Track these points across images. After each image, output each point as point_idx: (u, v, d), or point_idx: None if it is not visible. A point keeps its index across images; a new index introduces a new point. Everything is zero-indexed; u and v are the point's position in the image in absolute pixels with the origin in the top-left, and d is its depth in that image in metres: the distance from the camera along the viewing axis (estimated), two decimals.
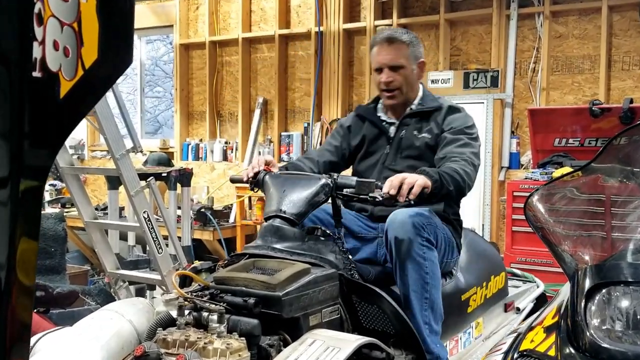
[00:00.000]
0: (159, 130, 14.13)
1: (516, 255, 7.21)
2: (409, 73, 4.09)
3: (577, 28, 8.06)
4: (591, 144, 7.52)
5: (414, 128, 4.09)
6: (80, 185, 5.87)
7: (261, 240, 3.40)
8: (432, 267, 3.54)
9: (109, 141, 5.35)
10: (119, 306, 3.23)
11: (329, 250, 3.42)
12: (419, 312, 3.50)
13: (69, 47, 1.41)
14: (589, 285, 2.68)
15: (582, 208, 3.43)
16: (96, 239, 5.87)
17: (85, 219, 5.82)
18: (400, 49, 4.08)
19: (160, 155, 9.67)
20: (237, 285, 3.06)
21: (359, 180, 3.49)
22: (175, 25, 11.15)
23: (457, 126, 3.98)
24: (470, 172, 3.74)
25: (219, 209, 9.75)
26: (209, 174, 10.75)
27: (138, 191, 5.45)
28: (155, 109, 14.66)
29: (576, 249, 3.09)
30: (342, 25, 9.51)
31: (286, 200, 3.45)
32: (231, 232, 9.51)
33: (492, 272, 4.41)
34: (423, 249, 3.50)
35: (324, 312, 3.18)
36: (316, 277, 3.14)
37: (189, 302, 2.96)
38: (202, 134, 11.13)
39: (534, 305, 4.75)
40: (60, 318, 5.41)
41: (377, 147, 4.19)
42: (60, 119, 1.43)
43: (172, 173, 6.68)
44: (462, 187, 3.67)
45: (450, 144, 3.90)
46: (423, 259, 3.50)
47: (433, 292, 3.55)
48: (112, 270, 5.95)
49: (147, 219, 5.49)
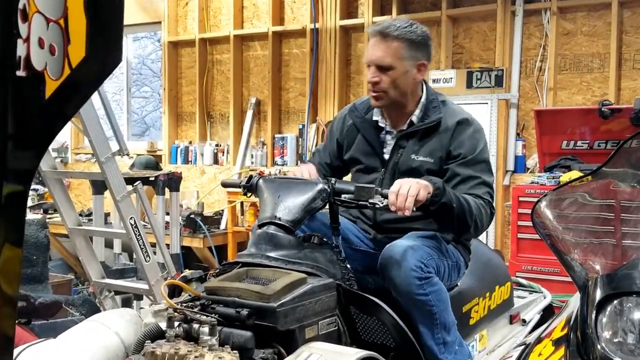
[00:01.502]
0: (146, 132, 14.15)
1: (521, 263, 7.19)
2: (399, 75, 3.77)
3: (586, 25, 8.07)
4: (600, 146, 7.52)
5: (411, 150, 3.85)
6: (64, 190, 5.87)
7: (255, 248, 3.38)
8: (437, 296, 3.50)
9: (94, 144, 5.35)
10: (105, 317, 3.23)
11: (326, 258, 3.41)
12: (431, 338, 3.50)
13: (55, 44, 1.41)
14: (600, 296, 2.68)
15: (592, 214, 3.43)
16: (80, 247, 5.86)
17: (68, 226, 5.81)
18: (392, 47, 3.75)
19: (147, 158, 9.67)
20: (229, 295, 3.05)
21: (358, 185, 3.47)
22: (163, 21, 11.16)
23: (467, 154, 3.76)
24: (484, 214, 3.67)
25: (210, 215, 9.74)
26: (198, 178, 10.75)
27: (124, 196, 5.45)
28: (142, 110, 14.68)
29: (586, 257, 3.08)
30: (338, 22, 9.51)
31: (281, 206, 3.43)
32: (222, 239, 9.52)
33: (497, 282, 4.38)
34: (423, 287, 3.45)
35: (320, 324, 3.17)
36: (313, 287, 3.13)
37: (178, 313, 2.94)
38: (191, 136, 11.13)
39: (541, 317, 4.74)
40: (42, 330, 5.39)
41: (371, 167, 4.00)
42: (45, 121, 1.43)
43: (160, 177, 6.66)
44: (466, 220, 3.58)
45: (462, 184, 3.73)
46: (425, 295, 3.45)
47: (442, 314, 3.53)
48: (97, 280, 5.94)
49: (133, 226, 5.48)
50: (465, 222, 3.59)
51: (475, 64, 8.59)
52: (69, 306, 6.08)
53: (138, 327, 3.16)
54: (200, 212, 9.48)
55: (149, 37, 13.41)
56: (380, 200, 3.38)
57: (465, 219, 3.58)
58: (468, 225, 3.62)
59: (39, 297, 5.80)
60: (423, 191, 3.35)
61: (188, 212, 9.17)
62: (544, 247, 3.37)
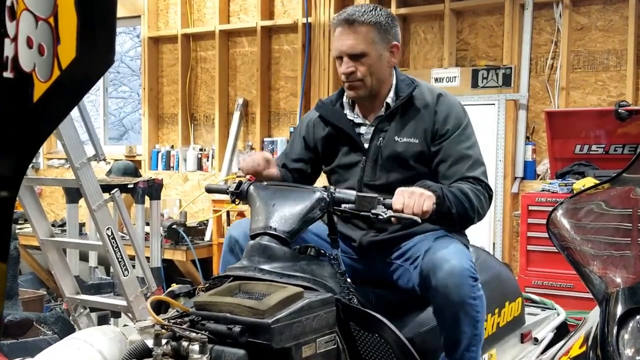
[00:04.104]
0: (124, 136, 14.18)
1: (531, 277, 7.21)
2: (374, 61, 3.83)
3: (601, 19, 8.10)
4: (617, 151, 7.54)
5: (394, 132, 3.90)
6: (35, 198, 5.87)
7: (247, 260, 3.37)
8: (481, 303, 3.54)
9: (68, 148, 5.34)
10: (87, 335, 3.23)
11: (325, 271, 3.41)
12: (466, 353, 3.54)
13: (44, 44, 1.42)
14: (621, 311, 2.69)
15: (612, 224, 3.44)
16: (53, 260, 5.86)
17: (40, 237, 5.80)
18: (362, 32, 3.80)
19: (126, 164, 9.66)
20: (220, 311, 3.05)
21: (360, 194, 3.49)
22: (143, 15, 11.17)
23: (454, 128, 3.83)
24: (483, 199, 3.70)
25: (193, 225, 9.75)
26: (181, 186, 10.76)
27: (101, 205, 5.45)
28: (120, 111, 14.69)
29: (606, 270, 3.10)
30: (333, 16, 9.44)
31: (276, 215, 3.43)
32: (207, 251, 9.52)
33: (507, 298, 4.39)
34: (474, 290, 3.49)
35: (318, 342, 3.17)
36: (310, 303, 3.13)
37: (166, 329, 2.93)
38: (173, 140, 11.14)
39: (554, 335, 4.76)
40: (12, 350, 5.39)
41: (350, 161, 4.03)
42: (33, 124, 1.44)
43: (139, 184, 6.67)
44: (468, 213, 3.62)
45: (456, 164, 3.77)
46: (473, 299, 3.49)
47: (482, 326, 3.58)
48: (71, 295, 5.93)
49: (111, 237, 5.48)
50: (468, 217, 3.65)
51: (481, 62, 8.62)
52: (40, 324, 6.08)
53: (123, 345, 3.16)
54: (183, 222, 9.47)
55: (127, 32, 13.46)
56: (383, 211, 3.39)
57: (467, 215, 3.64)
58: (471, 218, 3.68)
59: (8, 314, 5.81)
60: (428, 201, 3.38)
61: (170, 222, 9.18)
62: (556, 260, 3.40)
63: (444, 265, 3.47)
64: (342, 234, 3.99)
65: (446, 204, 3.51)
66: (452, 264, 3.46)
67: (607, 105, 7.90)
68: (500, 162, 8.19)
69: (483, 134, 7.98)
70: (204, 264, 9.32)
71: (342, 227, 4.04)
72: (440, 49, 8.86)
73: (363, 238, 3.99)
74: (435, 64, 8.78)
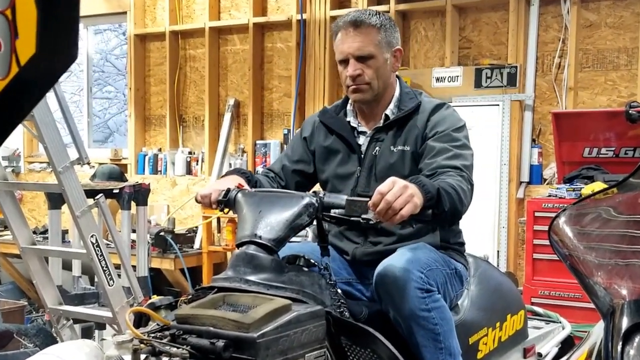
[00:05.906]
0: (109, 138, 14.19)
1: (538, 287, 7.20)
2: (380, 64, 3.97)
3: (611, 15, 8.09)
4: (628, 154, 7.53)
5: (390, 142, 4.01)
6: (16, 204, 5.87)
7: (232, 270, 3.35)
8: (440, 314, 3.55)
9: (50, 151, 5.35)
10: (61, 350, 3.22)
11: (314, 283, 3.39)
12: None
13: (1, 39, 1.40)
14: (626, 325, 2.68)
15: (618, 232, 3.43)
16: (34, 269, 5.86)
17: (21, 245, 5.81)
18: (369, 35, 3.94)
19: (111, 168, 9.68)
20: (203, 324, 3.03)
21: (350, 199, 3.45)
22: (129, 12, 11.17)
23: (443, 130, 3.88)
24: (467, 190, 3.65)
25: (182, 232, 9.75)
26: (169, 191, 10.75)
27: (85, 211, 5.45)
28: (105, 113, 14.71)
29: (611, 280, 3.09)
30: (329, 12, 9.49)
31: (262, 222, 3.42)
32: (196, 260, 9.52)
33: (509, 311, 4.38)
34: (425, 302, 3.50)
35: (307, 358, 3.15)
36: (298, 316, 3.11)
37: (145, 344, 2.91)
38: (161, 143, 11.14)
39: (559, 350, 4.75)
40: None
41: (345, 171, 4.12)
42: None
43: (125, 189, 6.66)
44: (458, 208, 3.57)
45: (438, 155, 3.79)
46: (428, 312, 3.51)
47: (447, 337, 3.57)
48: (54, 306, 5.93)
49: (95, 245, 5.48)
50: (457, 212, 3.60)
51: (485, 61, 8.61)
52: (21, 336, 6.08)
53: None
54: (171, 229, 9.48)
55: (112, 29, 13.47)
56: (374, 216, 3.37)
57: (457, 210, 3.57)
58: (460, 214, 3.65)
59: None
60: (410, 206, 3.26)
61: (157, 229, 9.18)
62: (563, 269, 3.38)
63: (388, 277, 3.54)
64: (335, 246, 4.07)
65: (441, 205, 3.44)
66: (396, 275, 3.50)
67: (617, 106, 7.89)
68: (504, 165, 8.18)
69: (487, 136, 8.02)
70: (193, 273, 9.33)
71: (336, 241, 4.12)
72: (442, 47, 8.84)
73: (356, 250, 4.05)
74: (437, 63, 8.76)
